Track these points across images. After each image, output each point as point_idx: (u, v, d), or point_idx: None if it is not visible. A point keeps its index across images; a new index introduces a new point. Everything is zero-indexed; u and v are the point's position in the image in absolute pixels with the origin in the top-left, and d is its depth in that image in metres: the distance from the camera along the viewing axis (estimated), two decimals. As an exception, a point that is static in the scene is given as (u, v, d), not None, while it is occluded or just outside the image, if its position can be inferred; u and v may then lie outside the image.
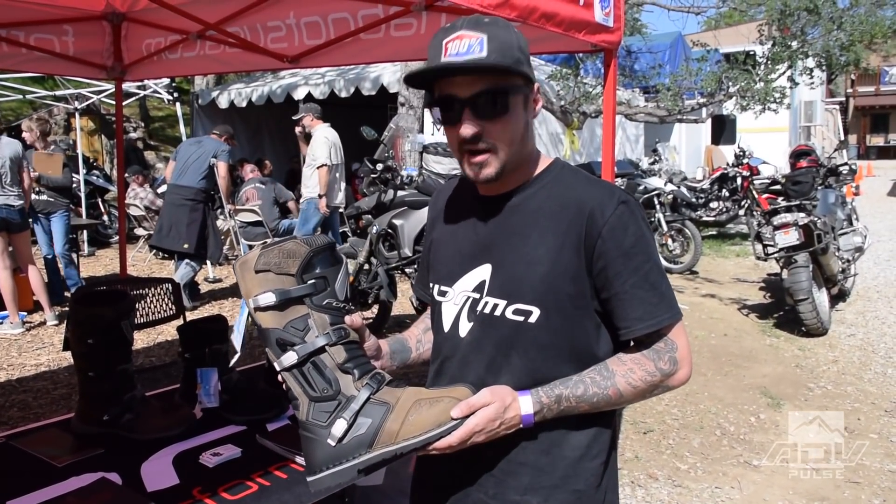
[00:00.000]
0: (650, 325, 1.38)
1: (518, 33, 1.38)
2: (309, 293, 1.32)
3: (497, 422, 1.32)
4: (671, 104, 9.56)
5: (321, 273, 1.33)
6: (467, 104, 1.35)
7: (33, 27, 3.71)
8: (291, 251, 1.32)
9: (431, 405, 1.29)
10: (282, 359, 1.31)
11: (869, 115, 37.11)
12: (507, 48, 1.33)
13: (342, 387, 1.31)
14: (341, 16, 3.48)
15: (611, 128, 2.86)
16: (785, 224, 6.20)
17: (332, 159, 7.19)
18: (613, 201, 1.38)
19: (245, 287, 1.34)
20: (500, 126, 1.36)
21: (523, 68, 1.35)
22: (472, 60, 1.31)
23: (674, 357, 1.40)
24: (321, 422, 1.29)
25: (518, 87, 1.36)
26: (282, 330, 1.32)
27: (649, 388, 1.40)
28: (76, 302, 2.23)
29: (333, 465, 1.28)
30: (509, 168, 1.40)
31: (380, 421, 1.28)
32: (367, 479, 2.24)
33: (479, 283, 1.44)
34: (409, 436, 1.27)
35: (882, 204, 16.94)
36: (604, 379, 1.37)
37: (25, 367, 5.43)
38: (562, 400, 1.36)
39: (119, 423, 2.15)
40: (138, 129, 15.38)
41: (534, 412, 1.34)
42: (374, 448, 1.28)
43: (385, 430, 1.28)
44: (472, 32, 1.32)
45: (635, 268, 1.37)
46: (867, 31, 9.98)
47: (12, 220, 6.12)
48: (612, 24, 2.63)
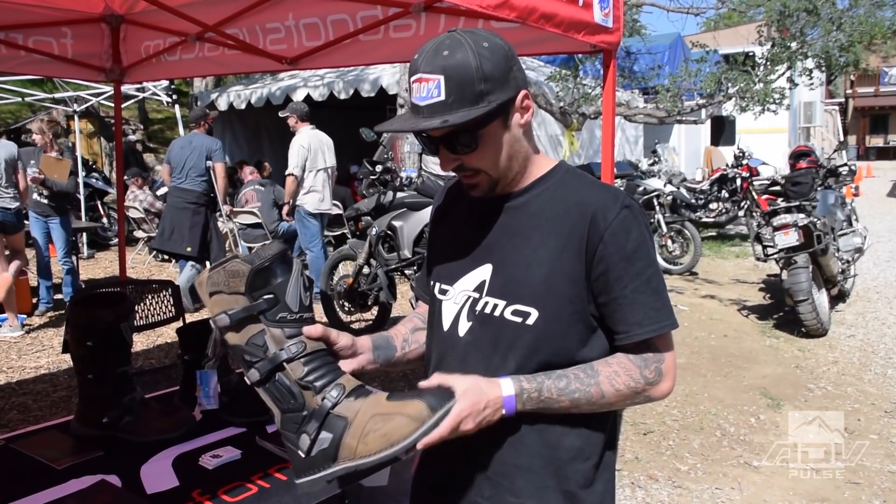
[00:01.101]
0: (651, 331, 1.38)
1: (486, 49, 1.32)
2: (261, 310, 1.32)
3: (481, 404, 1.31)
4: (670, 105, 9.56)
5: (269, 289, 1.32)
6: (440, 142, 1.38)
7: (32, 30, 3.71)
8: (235, 271, 1.32)
9: (385, 421, 1.28)
10: (248, 376, 1.33)
11: (868, 115, 37.10)
12: (467, 83, 1.30)
13: (306, 400, 1.31)
14: (340, 17, 3.48)
15: (610, 129, 2.86)
16: (784, 225, 6.20)
17: (310, 166, 7.04)
18: (617, 205, 1.38)
19: (207, 307, 1.36)
20: (476, 156, 1.38)
21: (487, 100, 1.31)
22: (430, 106, 1.31)
23: (660, 368, 1.40)
24: (291, 432, 1.32)
25: (488, 116, 1.33)
26: (244, 347, 1.33)
27: (631, 394, 1.39)
28: (75, 304, 2.23)
29: (306, 475, 1.30)
30: (503, 181, 1.43)
31: (339, 436, 1.29)
32: (371, 480, 2.25)
33: (479, 282, 1.44)
34: (366, 453, 1.27)
35: (881, 205, 16.95)
36: (588, 377, 1.38)
37: (25, 369, 5.43)
38: (543, 389, 1.35)
39: (118, 425, 2.14)
40: (137, 132, 15.39)
41: (514, 393, 1.34)
42: (338, 462, 1.29)
43: (344, 444, 1.29)
44: (429, 75, 1.31)
45: (637, 273, 1.37)
46: (866, 31, 9.97)
47: (7, 221, 6.13)
48: (612, 25, 2.63)
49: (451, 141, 1.36)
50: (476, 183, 1.42)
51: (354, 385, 1.34)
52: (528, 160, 1.45)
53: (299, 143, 7.00)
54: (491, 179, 1.41)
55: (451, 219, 1.57)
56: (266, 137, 13.45)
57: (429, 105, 1.31)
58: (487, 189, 1.42)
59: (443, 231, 1.59)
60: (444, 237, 1.57)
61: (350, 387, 1.33)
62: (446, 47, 1.32)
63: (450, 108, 1.30)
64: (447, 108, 1.30)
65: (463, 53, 1.31)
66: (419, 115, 1.33)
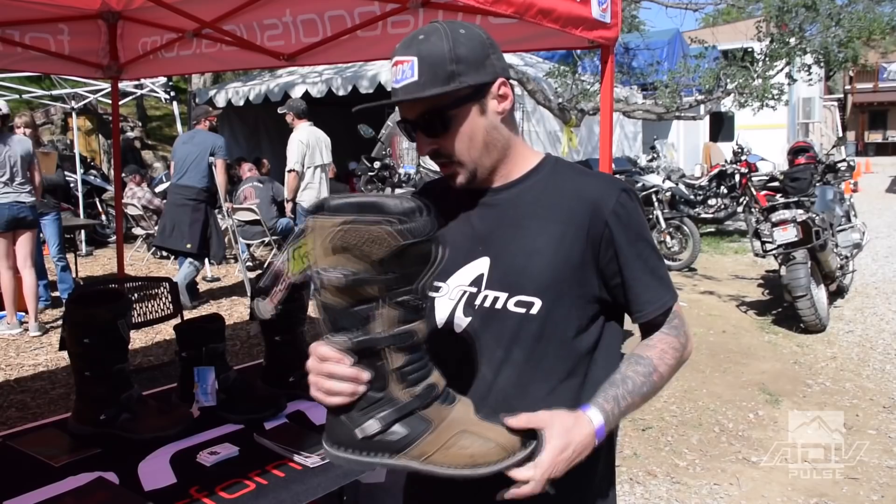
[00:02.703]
0: (659, 308, 1.43)
1: (462, 35, 1.35)
2: (389, 286, 1.16)
3: (570, 448, 1.26)
4: (669, 101, 9.54)
5: (405, 269, 1.16)
6: (417, 125, 1.40)
7: (28, 26, 3.70)
8: (378, 238, 1.13)
9: (474, 441, 1.21)
10: (334, 337, 1.20)
11: (867, 111, 37.08)
12: (438, 65, 1.33)
13: (390, 387, 1.20)
14: (338, 13, 3.47)
15: (608, 124, 2.86)
16: (783, 221, 6.20)
17: (307, 162, 7.05)
18: (615, 190, 1.41)
19: (315, 251, 1.17)
20: (450, 141, 1.39)
21: (459, 80, 1.34)
22: (405, 87, 1.35)
23: (686, 331, 1.47)
24: (357, 410, 1.21)
25: (461, 98, 1.36)
26: (341, 311, 1.18)
27: (678, 364, 1.45)
28: (72, 302, 2.23)
29: (353, 452, 1.21)
30: (482, 171, 1.43)
31: (416, 437, 1.20)
32: (369, 477, 2.25)
33: (476, 276, 1.43)
34: (443, 463, 1.20)
35: (880, 200, 16.95)
36: (644, 368, 1.39)
37: (24, 367, 5.42)
38: (619, 401, 1.35)
39: (116, 422, 2.14)
40: (136, 129, 15.35)
41: (604, 422, 1.31)
42: (399, 458, 1.21)
43: (418, 447, 1.20)
44: (404, 56, 1.35)
45: (639, 252, 1.41)
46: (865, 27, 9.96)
47: (24, 217, 6.09)
48: (610, 20, 2.63)
49: (426, 123, 1.39)
50: (454, 172, 1.43)
51: (443, 385, 1.26)
52: (510, 150, 1.45)
53: (297, 139, 7.00)
54: (466, 170, 1.42)
55: (440, 214, 1.54)
56: (265, 134, 13.43)
57: (403, 86, 1.35)
58: (467, 178, 1.43)
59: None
60: None
61: (440, 387, 1.25)
62: (423, 32, 1.37)
63: (422, 88, 1.34)
64: (419, 88, 1.34)
65: (437, 37, 1.35)
66: (396, 96, 1.37)
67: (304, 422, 2.29)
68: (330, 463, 1.95)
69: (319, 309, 1.21)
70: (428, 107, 1.36)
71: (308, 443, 2.04)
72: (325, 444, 1.25)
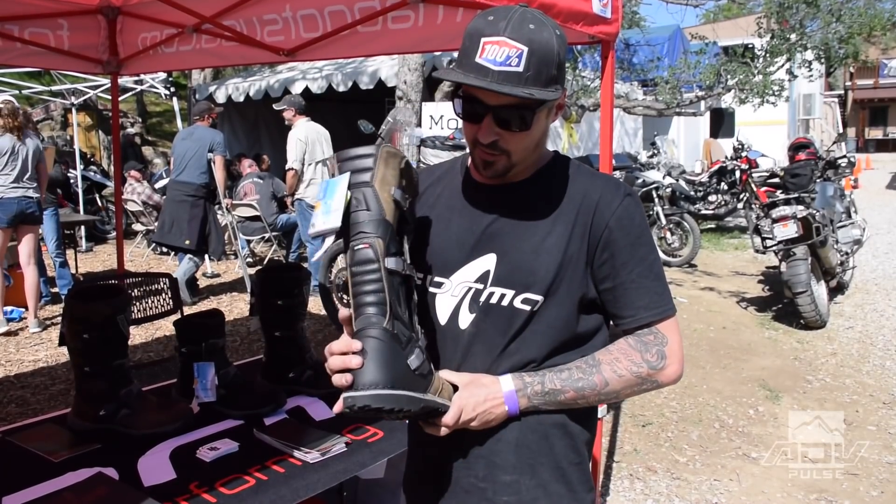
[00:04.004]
0: (657, 314, 1.41)
1: (560, 36, 1.32)
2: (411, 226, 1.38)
3: (480, 396, 1.36)
4: (669, 97, 9.55)
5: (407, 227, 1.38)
6: (491, 111, 1.33)
7: (27, 21, 3.68)
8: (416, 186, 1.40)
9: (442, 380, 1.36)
10: (387, 259, 1.28)
11: (867, 108, 37.03)
12: (546, 64, 1.28)
13: (414, 323, 1.33)
14: (338, 8, 3.45)
15: (609, 120, 2.85)
16: (783, 217, 6.19)
17: (308, 159, 7.03)
18: (620, 193, 1.41)
19: (384, 174, 1.32)
20: (519, 138, 1.36)
21: (556, 87, 1.31)
22: (505, 73, 1.27)
23: (662, 351, 1.40)
24: (401, 340, 1.28)
25: (547, 101, 1.32)
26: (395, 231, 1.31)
27: (636, 379, 1.40)
28: (72, 297, 2.22)
29: (407, 389, 1.26)
30: (518, 168, 1.42)
31: (433, 373, 1.33)
32: (368, 473, 2.25)
33: (482, 273, 1.42)
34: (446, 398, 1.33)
35: (880, 197, 16.94)
36: (589, 366, 1.39)
37: (24, 362, 5.42)
38: (545, 381, 1.37)
39: (115, 418, 2.14)
40: (136, 125, 15.35)
41: (515, 388, 1.37)
42: (427, 394, 1.30)
43: (433, 383, 1.32)
44: (513, 42, 1.26)
45: (641, 258, 1.40)
46: (866, 23, 9.96)
47: (31, 212, 6.12)
48: (610, 16, 2.63)
49: (505, 115, 1.33)
50: (494, 161, 1.39)
51: None
52: (542, 153, 1.47)
53: (296, 136, 6.98)
54: (510, 163, 1.40)
55: (440, 208, 1.52)
56: (265, 130, 13.41)
57: (503, 72, 1.26)
58: (502, 171, 1.41)
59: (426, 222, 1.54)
60: (429, 228, 1.53)
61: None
62: (531, 21, 1.29)
63: (525, 82, 1.27)
64: (521, 81, 1.27)
65: (548, 34, 1.29)
66: (487, 77, 1.27)
67: (304, 417, 2.29)
68: (329, 459, 1.96)
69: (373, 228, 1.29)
70: (519, 102, 1.29)
71: (308, 438, 2.04)
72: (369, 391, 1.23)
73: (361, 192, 1.30)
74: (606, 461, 3.87)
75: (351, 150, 1.34)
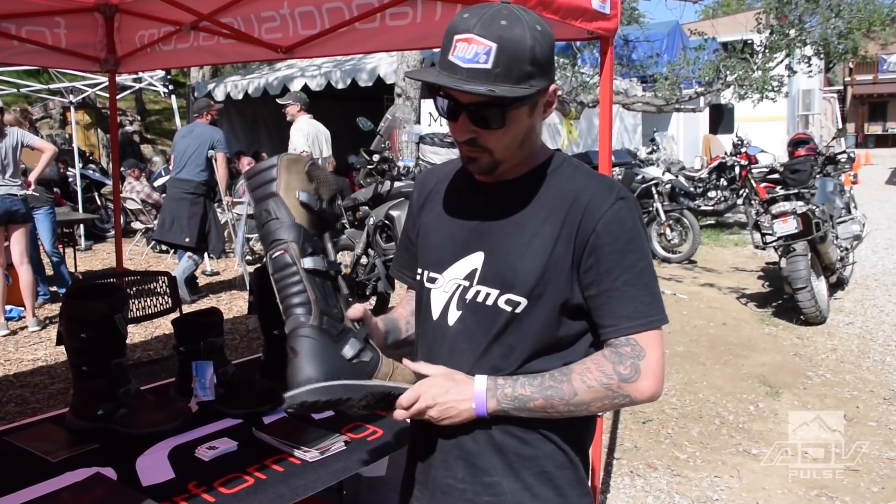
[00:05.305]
0: (640, 325, 1.35)
1: (541, 32, 1.30)
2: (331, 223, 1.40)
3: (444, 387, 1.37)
4: (669, 94, 9.54)
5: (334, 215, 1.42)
6: (465, 109, 1.32)
7: (25, 19, 3.67)
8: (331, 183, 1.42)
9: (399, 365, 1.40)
10: (304, 259, 1.33)
11: (867, 103, 37.04)
12: (517, 61, 1.26)
13: (344, 315, 1.36)
14: (336, 5, 3.44)
15: (608, 116, 2.84)
16: (783, 213, 6.19)
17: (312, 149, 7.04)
18: (612, 196, 1.36)
19: (287, 181, 1.36)
20: (497, 135, 1.34)
21: (530, 83, 1.28)
22: (474, 71, 1.26)
23: (637, 364, 1.33)
24: (332, 334, 1.31)
25: (522, 99, 1.30)
26: (311, 232, 1.36)
27: (605, 391, 1.34)
28: (69, 296, 2.22)
29: (348, 378, 1.30)
30: (505, 166, 1.40)
31: (378, 359, 1.36)
32: (370, 471, 2.24)
33: (469, 271, 1.42)
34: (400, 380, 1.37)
35: (880, 192, 16.94)
36: (561, 374, 1.35)
37: (23, 361, 5.42)
38: (517, 385, 1.35)
39: (113, 417, 2.13)
40: (135, 123, 15.34)
41: (486, 388, 1.36)
42: (375, 379, 1.33)
43: (381, 369, 1.35)
44: (482, 39, 1.25)
45: (629, 265, 1.35)
46: (865, 18, 9.95)
47: (17, 210, 6.00)
48: (609, 11, 2.62)
49: (478, 113, 1.31)
50: (477, 158, 1.38)
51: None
52: (533, 150, 1.44)
53: (299, 129, 6.99)
54: (494, 160, 1.38)
55: (440, 205, 1.53)
56: (264, 128, 13.42)
57: (472, 69, 1.26)
58: (487, 169, 1.39)
59: (429, 217, 1.55)
60: (431, 223, 1.53)
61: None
62: (504, 17, 1.27)
63: (493, 79, 1.26)
64: (491, 78, 1.26)
65: (521, 30, 1.27)
66: (456, 74, 1.27)
67: (304, 416, 2.28)
68: (329, 458, 1.95)
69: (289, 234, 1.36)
70: (489, 99, 1.28)
71: (307, 437, 2.03)
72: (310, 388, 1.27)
73: (268, 204, 1.36)
74: (606, 458, 3.86)
75: (254, 167, 1.41)
